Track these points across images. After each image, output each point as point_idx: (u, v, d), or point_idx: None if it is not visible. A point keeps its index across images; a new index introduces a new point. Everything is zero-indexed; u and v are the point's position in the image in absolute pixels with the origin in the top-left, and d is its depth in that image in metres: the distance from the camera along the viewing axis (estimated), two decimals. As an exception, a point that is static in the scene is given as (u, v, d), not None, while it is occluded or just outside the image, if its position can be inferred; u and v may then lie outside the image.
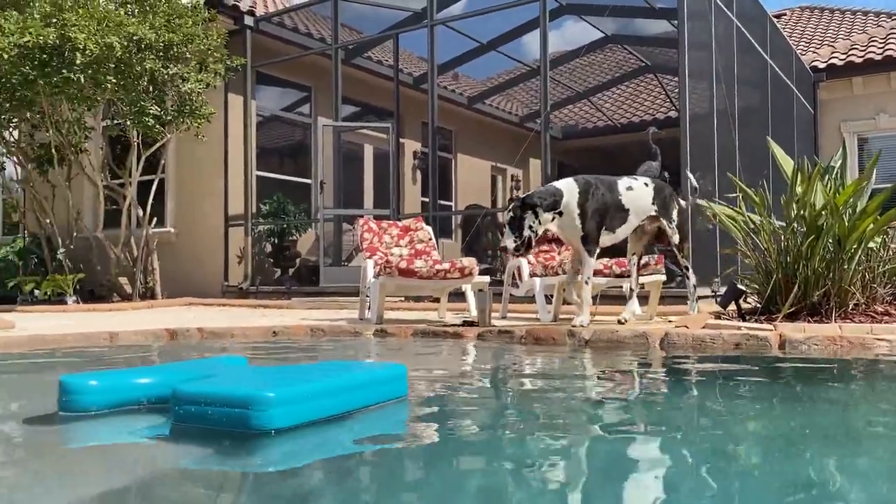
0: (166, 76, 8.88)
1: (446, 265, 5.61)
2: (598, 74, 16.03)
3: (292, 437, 1.99)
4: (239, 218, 10.81)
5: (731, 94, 9.07)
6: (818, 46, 14.92)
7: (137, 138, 9.71)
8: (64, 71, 8.19)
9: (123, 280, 10.07)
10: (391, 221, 7.39)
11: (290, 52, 11.23)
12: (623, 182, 5.23)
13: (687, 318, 4.83)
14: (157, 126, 9.13)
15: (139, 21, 8.66)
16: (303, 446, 2.01)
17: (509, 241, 4.78)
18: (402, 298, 8.50)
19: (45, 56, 8.29)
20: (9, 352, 4.23)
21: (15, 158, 10.74)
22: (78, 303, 9.45)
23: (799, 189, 4.93)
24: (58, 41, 8.14)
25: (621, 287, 6.01)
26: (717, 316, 4.91)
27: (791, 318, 4.53)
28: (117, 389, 2.35)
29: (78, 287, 9.80)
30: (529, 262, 6.11)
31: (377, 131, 12.15)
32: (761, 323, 4.48)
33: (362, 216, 8.59)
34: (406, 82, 12.20)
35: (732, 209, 5.49)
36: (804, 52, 14.10)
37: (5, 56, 8.20)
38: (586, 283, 4.98)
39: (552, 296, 5.98)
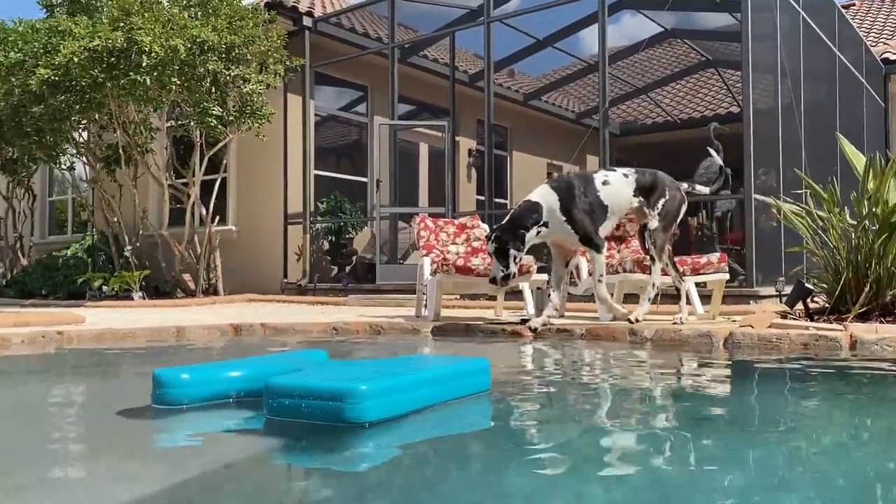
0: (228, 77, 9.07)
1: (504, 263, 5.57)
2: (657, 69, 15.75)
3: (385, 429, 2.00)
4: (297, 216, 10.99)
5: (796, 88, 8.80)
6: (889, 38, 14.35)
7: (200, 138, 9.95)
8: (131, 73, 8.44)
9: (187, 277, 10.35)
10: (447, 219, 7.40)
11: (348, 52, 11.35)
12: (599, 177, 5.04)
13: (752, 317, 4.70)
14: (220, 126, 9.35)
15: (202, 23, 8.87)
16: (396, 439, 2.02)
17: (498, 272, 4.73)
18: (458, 296, 8.51)
19: (113, 59, 8.56)
20: (82, 346, 4.39)
21: (84, 159, 11.13)
22: (144, 298, 9.74)
23: (871, 185, 4.75)
24: (125, 44, 8.40)
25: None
26: (784, 315, 4.77)
27: (862, 318, 4.37)
28: (208, 383, 2.38)
29: (144, 283, 10.10)
30: (588, 262, 6.05)
31: (432, 129, 12.19)
32: (830, 323, 4.33)
33: (418, 214, 8.63)
34: (462, 80, 12.20)
35: (799, 206, 5.32)
36: (874, 44, 13.57)
37: (76, 59, 8.50)
38: (599, 280, 4.87)
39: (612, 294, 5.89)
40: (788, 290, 5.91)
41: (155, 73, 8.55)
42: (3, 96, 9.72)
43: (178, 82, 8.73)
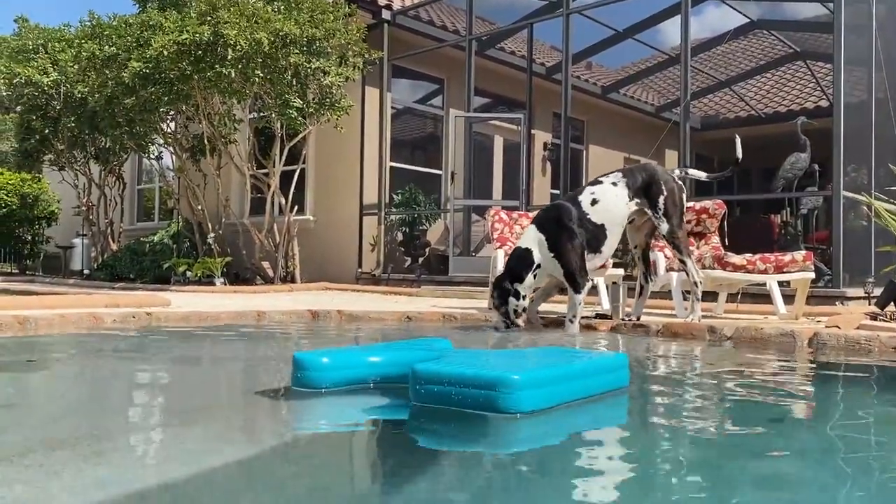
0: (309, 70, 9.26)
1: (579, 256, 5.52)
2: (741, 62, 15.25)
3: (537, 420, 1.98)
4: (373, 207, 11.15)
5: (892, 80, 8.38)
6: None
7: (281, 130, 10.20)
8: (217, 66, 8.72)
9: (266, 264, 10.65)
10: (521, 212, 7.37)
11: (425, 45, 11.42)
12: (586, 197, 4.72)
13: (838, 318, 4.52)
14: (300, 118, 9.56)
15: (285, 17, 9.08)
16: (550, 430, 2.01)
17: (500, 324, 4.64)
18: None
19: (200, 52, 8.86)
20: (170, 326, 4.58)
21: (171, 149, 11.57)
22: (225, 284, 10.08)
23: (975, 182, 4.48)
24: (211, 38, 8.68)
25: (765, 284, 5.69)
26: (873, 317, 4.56)
27: (962, 323, 4.14)
28: (348, 367, 2.40)
29: (225, 270, 10.44)
30: (666, 257, 5.92)
31: (508, 122, 12.15)
32: (926, 327, 4.12)
33: (492, 207, 8.62)
34: (538, 72, 12.11)
35: (893, 203, 5.07)
36: (980, 33, 12.77)
37: (165, 53, 8.84)
38: (571, 321, 4.62)
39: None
40: (878, 291, 5.65)
41: (239, 66, 8.81)
42: (97, 88, 10.20)
43: (262, 75, 8.97)
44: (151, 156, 12.23)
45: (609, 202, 4.70)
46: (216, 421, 2.20)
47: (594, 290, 6.25)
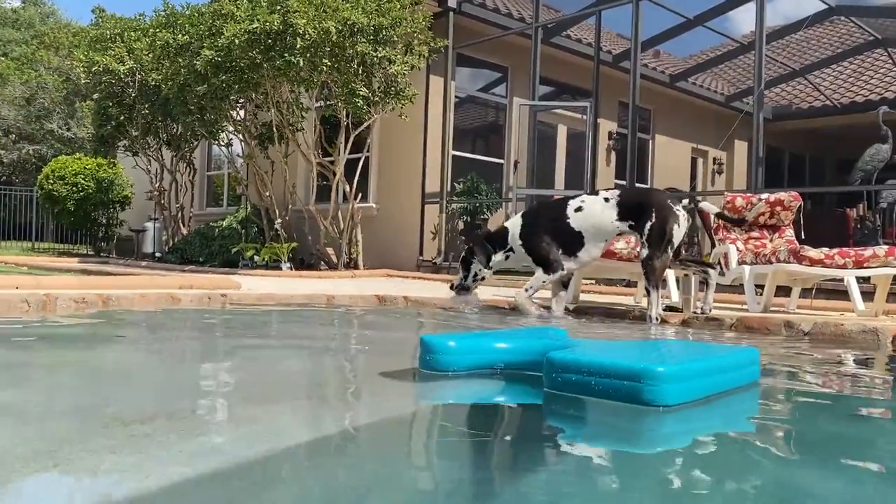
0: (375, 59, 9.32)
1: (648, 247, 5.43)
2: (817, 50, 14.72)
3: (679, 414, 1.95)
4: (434, 196, 11.18)
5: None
6: None
7: (347, 119, 10.31)
8: (286, 55, 8.86)
9: (330, 250, 10.81)
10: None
11: (490, 33, 11.36)
12: (573, 203, 4.87)
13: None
14: (365, 107, 9.65)
15: (353, 6, 9.16)
16: (694, 425, 1.98)
17: (456, 280, 4.94)
18: (593, 282, 8.38)
19: (269, 41, 9.02)
20: (245, 307, 4.71)
21: (240, 136, 11.82)
22: (291, 269, 10.27)
23: None
24: (281, 27, 8.82)
25: (842, 280, 5.50)
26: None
27: None
28: (476, 352, 2.42)
29: (291, 255, 10.64)
30: (738, 250, 5.78)
31: (572, 111, 12.01)
32: None
33: (555, 196, 8.55)
34: (605, 60, 11.92)
35: None
36: None
37: (236, 41, 9.02)
38: (526, 290, 4.87)
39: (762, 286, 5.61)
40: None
41: (308, 55, 8.93)
42: (170, 76, 10.49)
43: (329, 63, 9.07)
44: (221, 143, 12.52)
45: (591, 214, 4.79)
46: (349, 400, 2.26)
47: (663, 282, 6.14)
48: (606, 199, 4.82)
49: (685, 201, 5.01)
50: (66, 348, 3.05)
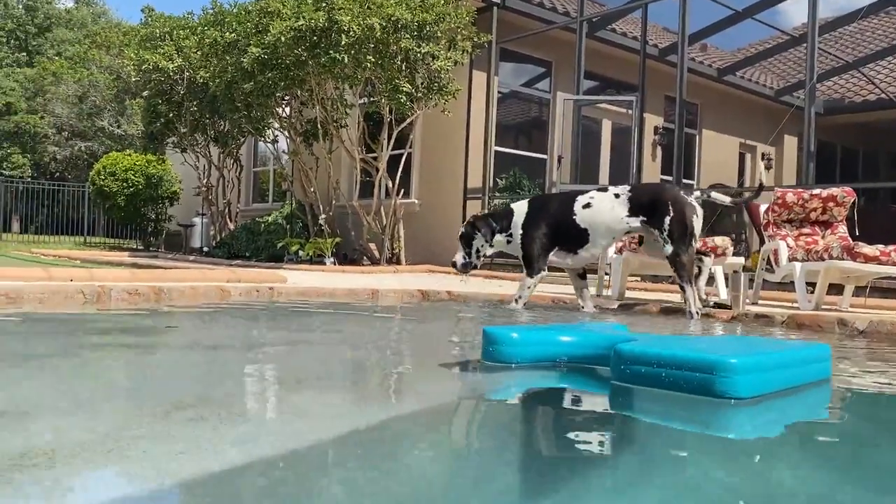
0: (419, 55, 9.35)
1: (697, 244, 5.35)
2: (871, 42, 14.29)
3: (753, 408, 1.93)
4: (477, 191, 11.17)
5: None
6: None
7: (390, 115, 10.36)
8: (331, 51, 8.94)
9: (373, 245, 10.88)
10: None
11: (534, 28, 11.30)
12: (582, 198, 4.75)
13: None
14: (409, 103, 9.67)
15: (397, 2, 9.19)
16: (769, 418, 1.96)
17: (458, 257, 4.90)
18: (639, 279, 8.29)
19: (315, 38, 9.10)
20: (290, 300, 4.77)
21: (286, 133, 11.97)
22: (334, 264, 10.38)
23: None
24: (326, 24, 8.90)
25: (898, 278, 5.35)
26: None
27: None
28: (539, 344, 2.43)
29: (334, 250, 10.75)
30: (789, 246, 5.65)
31: (617, 105, 11.88)
32: None
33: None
34: (651, 54, 11.76)
35: None
36: None
37: (282, 39, 9.13)
38: (515, 300, 4.77)
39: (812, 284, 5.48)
40: None
41: (352, 52, 8.99)
42: (218, 73, 10.66)
43: (373, 60, 9.13)
44: (267, 139, 12.70)
45: (600, 211, 4.68)
46: (411, 390, 2.29)
47: (711, 279, 6.04)
48: (617, 195, 4.72)
49: (697, 193, 4.91)
50: (120, 337, 3.13)
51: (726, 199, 5.28)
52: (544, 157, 12.15)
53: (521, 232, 4.76)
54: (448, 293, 5.34)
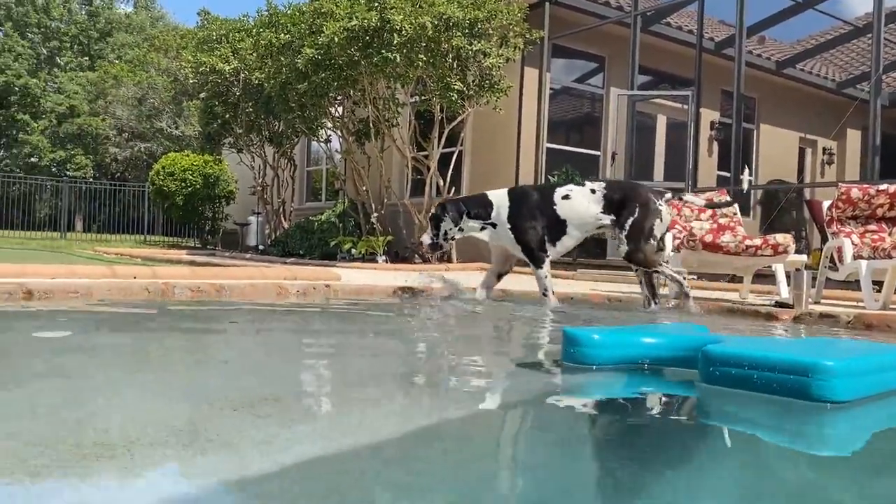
0: (470, 52, 9.34)
1: (757, 241, 5.23)
2: (941, 30, 13.70)
3: (850, 411, 1.87)
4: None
5: None
6: None
7: (441, 113, 10.38)
8: (383, 51, 9.00)
9: (424, 243, 10.91)
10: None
11: (587, 23, 11.18)
12: (560, 190, 4.80)
13: None
14: (460, 101, 9.68)
15: (448, 0, 9.20)
16: (869, 422, 1.90)
17: (426, 237, 4.91)
18: (695, 277, 8.13)
19: (367, 38, 9.18)
20: (346, 297, 4.83)
21: (339, 132, 12.11)
22: (386, 262, 10.45)
23: None
24: (378, 23, 8.96)
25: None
26: None
27: None
28: (621, 345, 2.38)
29: (386, 248, 10.83)
30: (854, 244, 5.47)
31: (671, 100, 11.68)
32: None
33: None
34: (707, 48, 11.53)
35: None
36: None
37: (336, 39, 9.23)
38: (544, 295, 4.73)
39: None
40: None
41: (404, 51, 9.03)
42: (273, 74, 10.84)
43: (425, 59, 9.15)
44: (320, 139, 12.86)
45: (578, 204, 4.75)
46: (492, 390, 2.28)
47: (762, 278, 5.90)
48: (593, 191, 4.78)
49: (668, 195, 4.94)
50: (184, 334, 3.21)
51: (700, 202, 5.35)
52: (597, 153, 12.03)
53: (508, 225, 4.78)
54: (502, 291, 5.33)
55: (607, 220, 4.71)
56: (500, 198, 4.87)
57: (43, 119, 34.15)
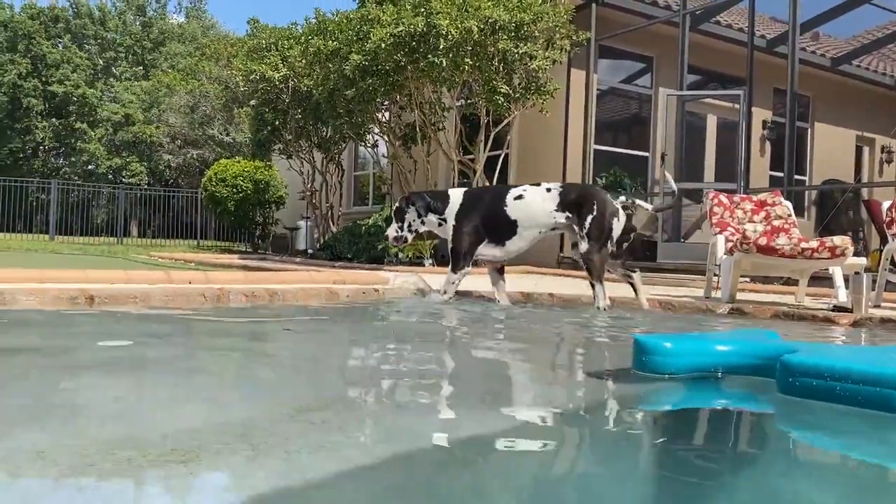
0: (516, 55, 9.33)
1: (814, 243, 5.10)
2: None
3: None
4: (576, 191, 11.03)
5: None
6: None
7: (487, 116, 10.39)
8: (429, 56, 9.05)
9: (471, 247, 10.93)
10: (744, 195, 6.94)
11: (634, 23, 11.06)
12: (514, 191, 4.90)
13: None
14: (506, 104, 9.67)
15: (494, 4, 9.21)
16: None
17: (390, 230, 4.99)
18: (748, 280, 7.97)
19: (413, 43, 9.24)
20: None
21: (386, 137, 12.22)
22: (433, 265, 10.49)
23: None
24: (425, 29, 9.02)
25: None
26: None
27: None
28: (694, 354, 2.32)
29: (433, 252, 10.87)
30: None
31: (722, 100, 11.47)
32: None
33: (709, 190, 8.20)
34: (758, 45, 11.29)
35: None
36: None
37: (383, 45, 9.32)
38: (438, 291, 4.83)
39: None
40: None
41: (450, 55, 9.07)
42: (321, 81, 11.00)
43: (471, 62, 9.18)
44: (368, 144, 12.99)
45: (531, 204, 4.82)
46: (559, 398, 2.26)
47: (817, 280, 5.75)
48: (548, 190, 4.88)
49: (622, 198, 5.00)
50: (241, 339, 3.28)
51: (648, 206, 5.38)
52: (645, 154, 11.88)
53: (453, 223, 4.87)
54: (550, 295, 5.31)
55: (562, 217, 4.80)
56: (456, 196, 5.00)
57: (100, 128, 35.27)
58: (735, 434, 1.92)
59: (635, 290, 5.01)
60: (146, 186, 29.57)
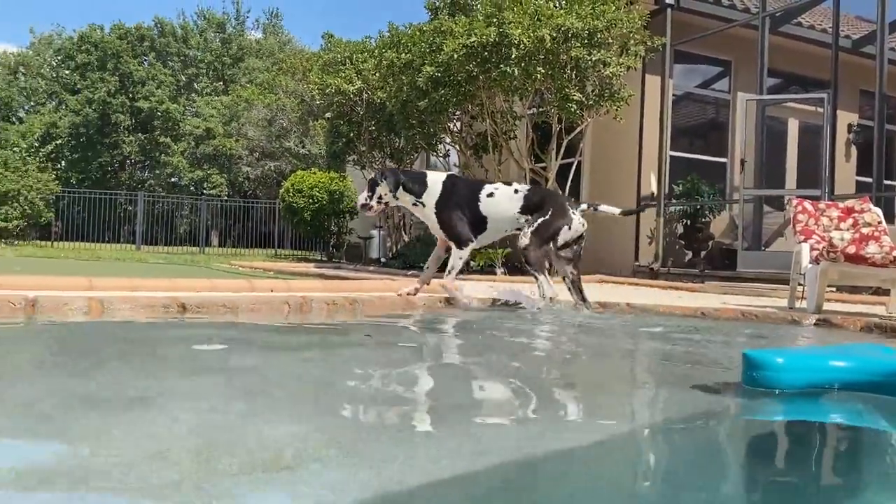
0: (589, 62, 9.26)
1: (906, 251, 4.89)
2: None
3: None
4: (649, 199, 10.86)
5: None
6: None
7: (559, 124, 10.34)
8: (501, 65, 9.08)
9: (544, 255, 10.88)
10: (829, 202, 6.70)
11: (711, 27, 10.83)
12: (487, 188, 5.08)
13: None
14: (579, 111, 9.61)
15: (566, 11, 9.18)
16: None
17: (361, 197, 5.20)
18: (834, 289, 7.67)
19: (485, 53, 9.29)
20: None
21: (457, 146, 12.31)
22: (505, 274, 10.49)
23: None
24: (497, 38, 9.06)
25: None
26: None
27: None
28: (807, 369, 2.26)
29: (504, 260, 10.88)
30: None
31: (804, 103, 11.10)
32: None
33: (792, 197, 7.95)
34: (842, 46, 10.88)
35: None
36: None
37: (455, 56, 9.40)
38: (448, 272, 4.93)
39: None
40: None
41: (522, 64, 9.08)
42: (394, 93, 11.17)
43: (543, 71, 9.16)
44: (439, 153, 13.10)
45: (500, 202, 5.01)
46: (674, 413, 2.24)
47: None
48: (516, 191, 5.08)
49: (584, 206, 5.15)
50: (323, 349, 3.36)
51: (616, 211, 5.47)
52: (723, 160, 11.60)
53: (434, 210, 5.01)
54: (627, 305, 5.25)
55: (524, 220, 4.98)
56: (434, 182, 5.08)
57: (182, 141, 36.72)
58: (851, 459, 1.85)
59: (571, 292, 5.15)
60: (226, 198, 30.61)
